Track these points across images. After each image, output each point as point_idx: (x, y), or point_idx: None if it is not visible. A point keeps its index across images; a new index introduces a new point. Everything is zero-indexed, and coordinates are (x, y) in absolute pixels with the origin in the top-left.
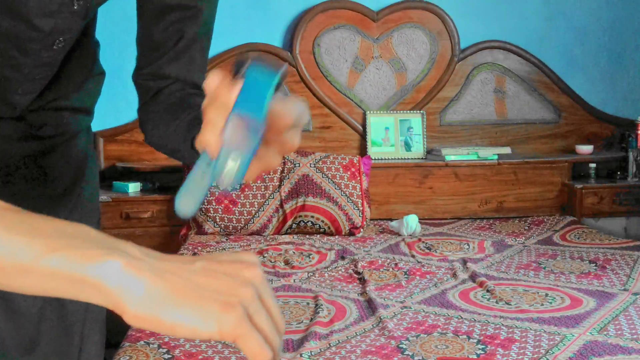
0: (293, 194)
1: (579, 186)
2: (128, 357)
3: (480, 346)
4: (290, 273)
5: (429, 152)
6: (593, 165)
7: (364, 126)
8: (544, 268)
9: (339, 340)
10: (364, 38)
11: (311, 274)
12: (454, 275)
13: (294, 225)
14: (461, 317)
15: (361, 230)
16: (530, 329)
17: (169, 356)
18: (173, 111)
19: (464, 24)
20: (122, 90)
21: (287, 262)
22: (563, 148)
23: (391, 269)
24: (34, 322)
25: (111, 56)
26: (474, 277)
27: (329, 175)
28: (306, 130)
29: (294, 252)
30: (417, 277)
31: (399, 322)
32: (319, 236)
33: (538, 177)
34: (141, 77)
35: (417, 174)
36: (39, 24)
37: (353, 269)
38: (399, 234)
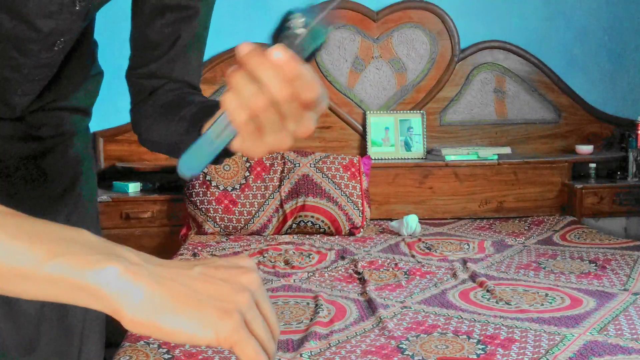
0: (293, 194)
1: (579, 186)
2: (128, 357)
3: (480, 346)
4: (290, 273)
5: (429, 152)
6: (593, 165)
7: (364, 126)
8: (544, 268)
9: (339, 340)
10: (364, 38)
11: (311, 274)
12: (454, 275)
13: (294, 225)
14: (461, 317)
15: (361, 230)
16: (530, 329)
17: (169, 356)
18: (173, 108)
19: (464, 24)
20: (122, 90)
21: (287, 262)
22: (563, 148)
23: (391, 269)
24: (34, 323)
25: (111, 56)
26: (474, 277)
27: (329, 175)
28: None
29: (294, 252)
30: (417, 277)
31: (399, 322)
32: (319, 236)
33: (538, 177)
34: (135, 77)
35: (417, 174)
36: (39, 25)
37: (353, 269)
38: (399, 234)
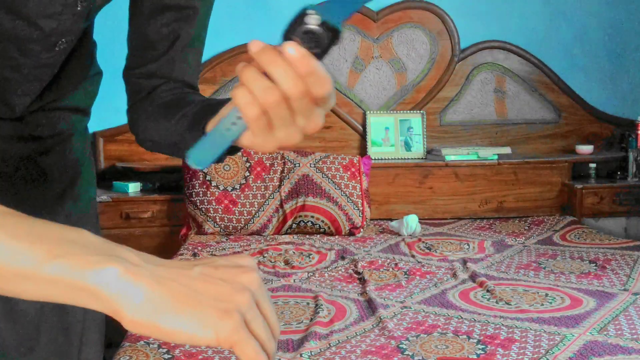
0: (293, 194)
1: (579, 186)
2: (128, 357)
3: (480, 346)
4: (290, 273)
5: (429, 152)
6: (593, 165)
7: (364, 126)
8: (544, 268)
9: (339, 340)
10: (364, 38)
11: (311, 274)
12: (454, 275)
13: (294, 225)
14: (461, 317)
15: (361, 230)
16: (530, 329)
17: (169, 356)
18: (173, 107)
19: (464, 24)
20: (122, 90)
21: (287, 262)
22: (563, 148)
23: (391, 269)
24: (34, 323)
25: (111, 56)
26: (474, 277)
27: (329, 175)
28: None
29: (294, 252)
30: (417, 277)
31: (399, 322)
32: (319, 236)
33: (538, 177)
34: (134, 76)
35: (417, 174)
36: (41, 25)
37: (353, 269)
38: (399, 234)
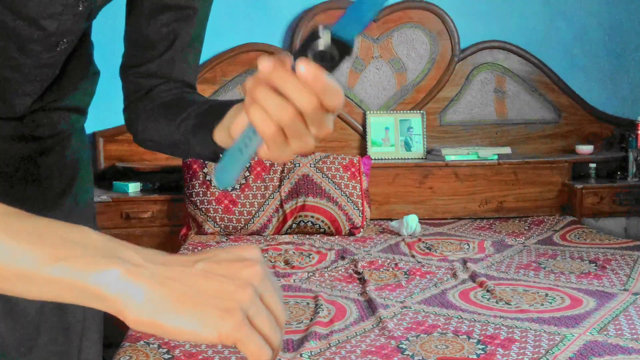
0: (293, 194)
1: (579, 186)
2: (128, 357)
3: (480, 346)
4: (290, 273)
5: (429, 152)
6: (593, 165)
7: (364, 126)
8: (544, 268)
9: (339, 340)
10: (364, 38)
11: (311, 274)
12: (454, 275)
13: (294, 225)
14: (461, 317)
15: (361, 230)
16: (530, 329)
17: (169, 356)
18: (173, 107)
19: (464, 24)
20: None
21: (287, 262)
22: (563, 148)
23: (391, 269)
24: (34, 323)
25: (111, 56)
26: (474, 277)
27: (329, 175)
28: None
29: (294, 252)
30: (417, 277)
31: (399, 322)
32: (319, 236)
33: (538, 177)
34: (132, 75)
35: (417, 174)
36: (42, 25)
37: (353, 269)
38: (399, 234)
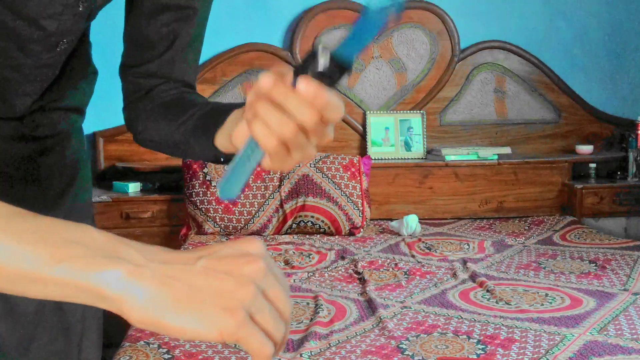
0: (293, 194)
1: (579, 186)
2: (128, 357)
3: (480, 346)
4: (290, 273)
5: (429, 152)
6: (593, 165)
7: (364, 126)
8: (544, 268)
9: (339, 340)
10: None
11: (311, 274)
12: (454, 275)
13: (294, 225)
14: (461, 317)
15: (361, 230)
16: (530, 329)
17: (169, 356)
18: (173, 108)
19: (464, 24)
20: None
21: (287, 262)
22: (563, 148)
23: (391, 269)
24: (34, 323)
25: (111, 56)
26: (474, 277)
27: (329, 175)
28: None
29: (294, 252)
30: (417, 277)
31: (399, 322)
32: (319, 236)
33: (538, 177)
34: (132, 75)
35: (417, 174)
36: (42, 25)
37: (353, 269)
38: (399, 234)
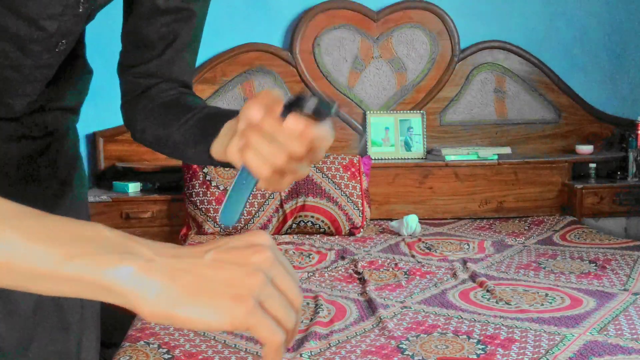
0: (293, 194)
1: (579, 186)
2: (128, 357)
3: (480, 346)
4: None
5: (429, 152)
6: (593, 165)
7: (364, 126)
8: (544, 268)
9: (339, 340)
10: (364, 38)
11: (311, 274)
12: (454, 275)
13: (294, 225)
14: (461, 317)
15: (361, 230)
16: (530, 329)
17: (169, 356)
18: (172, 109)
19: (464, 24)
20: None
21: None
22: (563, 148)
23: (391, 269)
24: (33, 322)
25: (111, 56)
26: (474, 277)
27: (329, 175)
28: None
29: (294, 252)
30: (417, 277)
31: (399, 322)
32: (319, 236)
33: (538, 177)
34: (131, 75)
35: (417, 174)
36: (43, 25)
37: (353, 269)
38: (399, 234)
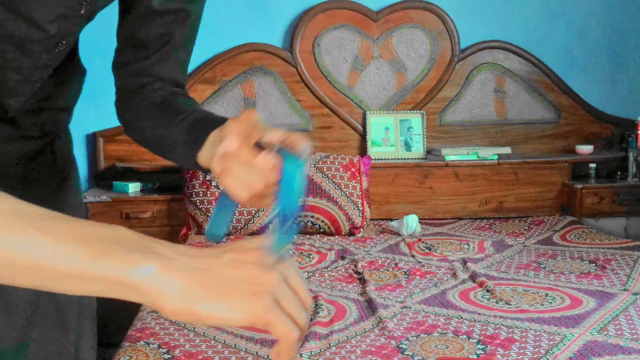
0: None
1: (579, 186)
2: (128, 357)
3: (480, 346)
4: None
5: (429, 152)
6: (593, 165)
7: (364, 126)
8: (544, 268)
9: (339, 340)
10: (364, 38)
11: (311, 274)
12: (454, 275)
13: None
14: (461, 317)
15: (361, 230)
16: (530, 329)
17: (169, 356)
18: (164, 109)
19: (464, 24)
20: None
21: None
22: (563, 148)
23: (391, 269)
24: (31, 322)
25: (112, 56)
26: (474, 277)
27: (329, 175)
28: (306, 130)
29: (293, 252)
30: (417, 277)
31: (399, 322)
32: (319, 236)
33: (538, 177)
34: (125, 73)
35: (417, 174)
36: (44, 27)
37: (353, 269)
38: (399, 234)
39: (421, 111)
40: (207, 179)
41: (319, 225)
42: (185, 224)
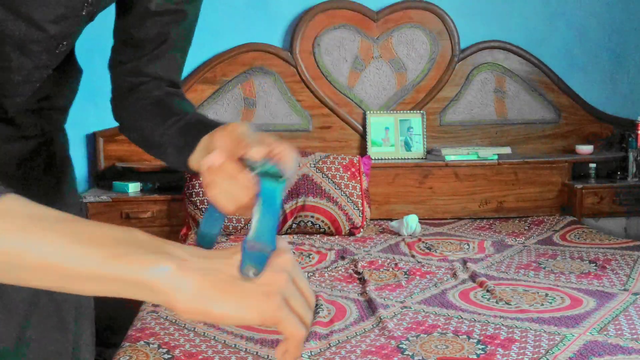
0: (293, 194)
1: (579, 186)
2: (128, 357)
3: (480, 346)
4: None
5: (429, 152)
6: (593, 165)
7: (364, 126)
8: (544, 268)
9: (339, 340)
10: (364, 38)
11: (311, 274)
12: (454, 275)
13: (294, 225)
14: (461, 317)
15: (361, 230)
16: (530, 329)
17: (169, 356)
18: (157, 111)
19: (464, 24)
20: None
21: None
22: (563, 148)
23: (391, 269)
24: (30, 322)
25: None
26: (474, 277)
27: (329, 175)
28: (306, 130)
29: (294, 252)
30: (417, 277)
31: (399, 322)
32: (319, 236)
33: (538, 177)
34: (121, 72)
35: (417, 174)
36: (45, 28)
37: (353, 269)
38: (399, 234)
39: (421, 111)
40: None
41: (319, 225)
42: (185, 224)
